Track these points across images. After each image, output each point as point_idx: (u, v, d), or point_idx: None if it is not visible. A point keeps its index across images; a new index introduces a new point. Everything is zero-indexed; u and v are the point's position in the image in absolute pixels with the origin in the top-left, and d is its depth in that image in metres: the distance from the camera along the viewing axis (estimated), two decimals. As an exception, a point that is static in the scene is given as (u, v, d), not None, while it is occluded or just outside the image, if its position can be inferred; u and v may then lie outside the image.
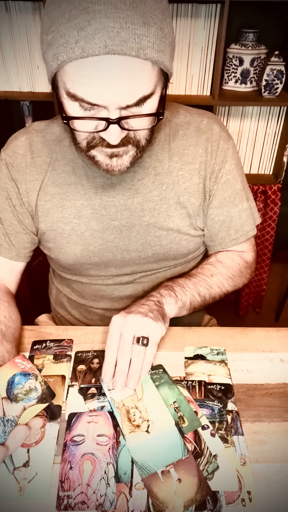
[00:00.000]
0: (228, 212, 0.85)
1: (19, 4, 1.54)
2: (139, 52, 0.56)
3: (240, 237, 0.88)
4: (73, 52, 0.55)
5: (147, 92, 0.60)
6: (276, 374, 0.70)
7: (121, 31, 0.54)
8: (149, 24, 0.56)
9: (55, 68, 0.59)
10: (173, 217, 0.81)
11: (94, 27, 0.54)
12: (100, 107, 0.60)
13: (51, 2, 0.58)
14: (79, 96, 0.59)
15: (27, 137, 0.81)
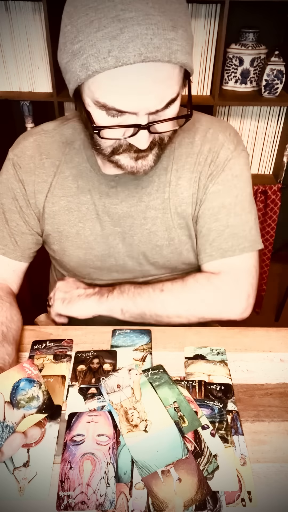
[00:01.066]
0: (209, 224, 0.79)
1: (19, 4, 1.54)
2: (170, 57, 0.56)
3: (215, 254, 0.80)
4: (106, 62, 0.55)
5: (174, 96, 0.60)
6: (276, 374, 0.70)
7: (154, 38, 0.54)
8: (177, 28, 0.56)
9: (83, 78, 0.58)
10: (174, 227, 0.81)
11: (128, 36, 0.53)
12: (129, 113, 0.60)
13: (74, 11, 0.57)
14: (110, 106, 0.59)
15: (36, 137, 0.81)
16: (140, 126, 0.60)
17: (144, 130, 0.61)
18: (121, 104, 0.58)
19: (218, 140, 0.78)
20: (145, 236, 0.81)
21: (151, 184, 0.78)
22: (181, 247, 0.83)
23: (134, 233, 0.81)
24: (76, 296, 0.83)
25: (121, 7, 0.53)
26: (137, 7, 0.53)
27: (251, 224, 0.80)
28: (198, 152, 0.77)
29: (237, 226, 0.79)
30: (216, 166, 0.77)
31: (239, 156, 0.78)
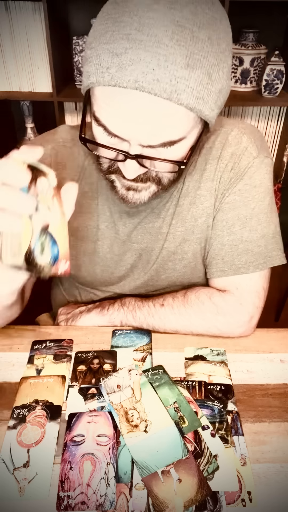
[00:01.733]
0: (221, 238, 0.75)
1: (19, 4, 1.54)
2: (171, 96, 0.50)
3: (227, 270, 0.76)
4: (102, 77, 0.51)
5: (175, 137, 0.55)
6: (276, 375, 0.70)
7: (157, 69, 0.49)
8: (194, 67, 0.50)
9: (85, 85, 0.56)
10: (189, 240, 0.78)
11: (129, 57, 0.49)
12: (121, 138, 0.56)
13: (101, 15, 0.54)
14: (102, 122, 0.56)
15: (53, 146, 0.77)
16: (128, 155, 0.56)
17: (132, 160, 0.57)
18: (112, 126, 0.55)
19: (242, 143, 0.72)
20: (160, 251, 0.80)
21: (171, 199, 0.75)
22: (195, 262, 0.81)
23: (152, 249, 0.80)
24: (78, 313, 0.83)
25: (136, 26, 0.49)
26: (152, 32, 0.48)
27: (268, 239, 0.75)
28: (218, 157, 0.72)
29: (252, 241, 0.74)
30: (235, 173, 0.72)
31: (261, 163, 0.72)
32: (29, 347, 0.75)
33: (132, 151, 0.57)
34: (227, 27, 0.55)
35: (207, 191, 0.74)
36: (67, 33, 1.74)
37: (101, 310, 0.81)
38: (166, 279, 0.83)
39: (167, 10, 0.49)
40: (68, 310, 0.86)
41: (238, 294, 0.76)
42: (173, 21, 0.49)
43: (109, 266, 0.83)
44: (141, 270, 0.83)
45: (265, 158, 0.74)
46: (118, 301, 0.82)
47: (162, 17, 0.49)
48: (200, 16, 0.50)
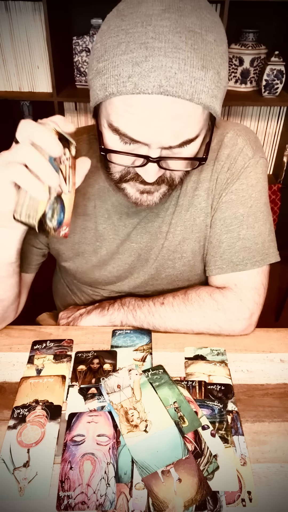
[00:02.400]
0: (219, 236, 0.77)
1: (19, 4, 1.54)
2: (193, 96, 0.53)
3: (225, 267, 0.77)
4: (124, 87, 0.53)
5: (192, 136, 0.58)
6: (276, 374, 0.70)
7: (178, 73, 0.51)
8: (207, 68, 0.53)
9: (101, 98, 0.57)
10: (188, 239, 0.79)
11: (151, 65, 0.51)
12: (141, 143, 0.58)
13: (107, 30, 0.55)
14: (122, 131, 0.57)
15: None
16: (150, 159, 0.58)
17: (153, 164, 0.59)
18: (133, 133, 0.57)
19: (237, 145, 0.74)
20: (159, 250, 0.80)
21: (169, 199, 0.76)
22: (194, 260, 0.81)
23: (150, 248, 0.80)
24: (78, 315, 0.84)
25: (152, 35, 0.51)
26: (168, 38, 0.51)
27: (265, 236, 0.77)
28: (215, 159, 0.74)
29: (250, 239, 0.76)
30: (231, 174, 0.74)
31: (256, 164, 0.75)
32: (29, 347, 0.75)
33: (153, 155, 0.58)
34: (223, 29, 0.59)
35: (204, 191, 0.76)
36: (67, 33, 1.74)
37: (101, 310, 0.81)
38: (166, 277, 0.84)
39: (178, 18, 0.52)
40: (69, 314, 0.87)
41: (237, 290, 0.77)
42: (185, 27, 0.52)
43: (108, 266, 0.83)
44: (140, 269, 0.83)
45: (260, 158, 0.75)
46: (118, 301, 0.82)
47: (174, 24, 0.52)
48: (205, 21, 0.54)
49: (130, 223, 0.78)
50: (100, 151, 0.61)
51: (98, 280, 0.86)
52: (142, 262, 0.82)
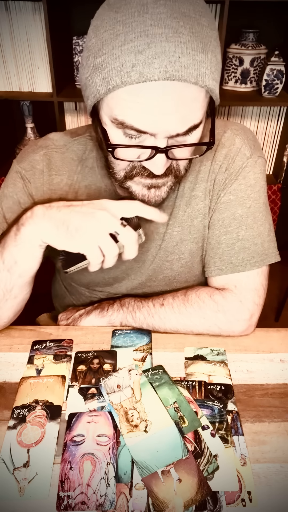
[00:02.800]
0: (218, 237, 0.76)
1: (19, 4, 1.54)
2: (197, 79, 0.53)
3: (225, 268, 0.77)
4: (129, 77, 0.52)
5: (197, 121, 0.58)
6: (276, 374, 0.70)
7: (182, 56, 0.51)
8: (207, 51, 0.54)
9: (103, 93, 0.56)
10: (186, 240, 0.79)
11: (154, 51, 0.51)
12: (147, 134, 0.57)
13: (101, 25, 0.55)
14: (128, 124, 0.56)
15: (45, 152, 0.77)
16: (158, 149, 0.57)
17: (161, 154, 0.58)
18: (140, 123, 0.56)
19: (235, 145, 0.73)
20: (156, 251, 0.80)
21: (166, 200, 0.75)
22: (192, 261, 0.81)
23: (147, 249, 0.80)
24: (78, 316, 0.83)
25: (151, 22, 0.51)
26: (167, 23, 0.51)
27: (264, 237, 0.76)
28: (212, 159, 0.74)
29: (249, 239, 0.75)
30: (229, 174, 0.73)
31: (254, 164, 0.74)
32: (29, 347, 0.75)
33: (160, 145, 0.58)
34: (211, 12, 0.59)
35: (201, 192, 0.75)
36: (67, 33, 1.74)
37: (101, 311, 0.81)
38: (164, 278, 0.84)
39: (172, 4, 0.52)
40: (68, 315, 0.86)
41: (237, 292, 0.77)
42: (181, 12, 0.52)
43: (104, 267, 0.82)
44: (137, 271, 0.83)
45: (259, 158, 0.75)
46: (118, 301, 0.82)
47: (171, 11, 0.52)
48: (197, 6, 0.54)
49: None
50: (107, 147, 0.60)
51: (95, 282, 0.86)
52: (139, 263, 0.82)
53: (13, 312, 0.78)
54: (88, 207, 0.65)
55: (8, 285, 0.72)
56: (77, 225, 0.63)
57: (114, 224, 0.64)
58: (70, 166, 0.77)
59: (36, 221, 0.66)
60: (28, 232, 0.67)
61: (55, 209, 0.66)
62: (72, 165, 0.77)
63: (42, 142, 0.79)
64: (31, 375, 0.69)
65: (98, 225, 0.63)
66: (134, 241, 0.65)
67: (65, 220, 0.64)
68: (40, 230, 0.66)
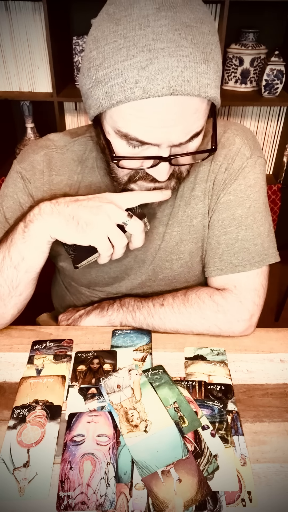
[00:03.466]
0: (218, 237, 0.76)
1: (19, 4, 1.54)
2: (200, 91, 0.54)
3: (225, 269, 0.77)
4: (132, 93, 0.53)
5: (199, 129, 0.59)
6: (276, 375, 0.70)
7: (184, 70, 0.52)
8: (209, 60, 0.54)
9: (106, 106, 0.56)
10: (185, 240, 0.79)
11: (157, 67, 0.51)
12: (151, 144, 0.58)
13: (101, 36, 0.54)
14: (132, 136, 0.57)
15: (46, 152, 0.77)
16: (162, 158, 0.59)
17: (165, 162, 0.60)
18: (144, 136, 0.57)
19: (235, 145, 0.74)
20: (156, 251, 0.80)
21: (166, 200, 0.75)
22: (191, 261, 0.81)
23: (147, 249, 0.80)
24: (78, 317, 0.84)
25: (152, 36, 0.51)
26: (169, 37, 0.51)
27: (264, 237, 0.76)
28: (212, 159, 0.74)
29: (248, 240, 0.75)
30: (229, 174, 0.74)
31: (254, 164, 0.74)
32: (29, 347, 0.75)
33: (164, 154, 0.59)
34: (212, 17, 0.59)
35: (201, 192, 0.75)
36: (67, 33, 1.74)
37: (100, 311, 0.81)
38: (163, 279, 0.84)
39: (173, 15, 0.52)
40: (68, 316, 0.87)
41: (237, 292, 0.77)
42: (182, 23, 0.52)
43: (104, 267, 0.83)
44: (137, 270, 0.83)
45: (258, 158, 0.75)
46: (118, 301, 0.82)
47: (172, 22, 0.51)
48: (197, 13, 0.54)
49: None
50: (112, 159, 0.62)
51: (95, 281, 0.86)
52: (139, 263, 0.82)
53: (17, 310, 0.78)
54: (95, 201, 0.66)
55: (15, 282, 0.73)
56: (86, 219, 0.64)
57: (122, 215, 0.65)
58: (70, 167, 0.78)
59: (45, 217, 0.67)
60: (37, 228, 0.68)
61: (63, 205, 0.67)
62: (72, 166, 0.78)
63: (43, 142, 0.79)
64: (31, 375, 0.69)
65: (107, 218, 0.65)
66: (141, 230, 0.67)
67: (75, 215, 0.65)
68: (50, 226, 0.67)
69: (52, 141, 0.79)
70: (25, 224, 0.69)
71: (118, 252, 0.68)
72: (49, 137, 0.80)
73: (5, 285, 0.73)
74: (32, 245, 0.69)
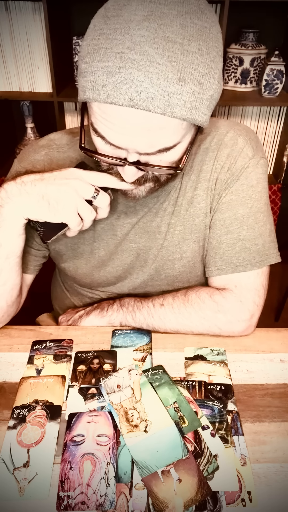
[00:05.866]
0: (219, 237, 0.76)
1: (19, 4, 1.54)
2: (165, 110, 0.52)
3: (225, 268, 0.77)
4: (98, 95, 0.53)
5: (170, 144, 0.58)
6: (276, 375, 0.70)
7: (150, 87, 0.50)
8: (185, 81, 0.52)
9: (80, 98, 0.57)
10: (188, 239, 0.79)
11: (123, 77, 0.51)
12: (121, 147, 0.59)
13: (92, 30, 0.55)
14: (100, 134, 0.58)
15: (47, 151, 0.77)
16: (127, 162, 0.59)
17: (131, 166, 0.60)
18: (110, 137, 0.57)
19: (238, 145, 0.73)
20: (158, 250, 0.80)
21: (168, 198, 0.76)
22: (194, 260, 0.81)
23: (149, 248, 0.80)
24: (78, 318, 0.84)
25: (128, 45, 0.50)
26: (144, 50, 0.50)
27: (265, 237, 0.76)
28: (214, 159, 0.74)
29: (250, 239, 0.75)
30: (231, 174, 0.73)
31: (257, 164, 0.74)
32: (29, 347, 0.75)
33: (130, 159, 0.59)
34: (217, 33, 0.56)
35: (203, 191, 0.75)
36: (67, 33, 1.74)
37: (100, 311, 0.81)
38: (166, 278, 0.83)
39: (157, 27, 0.50)
40: (68, 317, 0.87)
41: (237, 292, 0.77)
42: (164, 37, 0.50)
43: (106, 266, 0.83)
44: (139, 270, 0.83)
45: (261, 158, 0.75)
46: (117, 301, 0.82)
47: (153, 35, 0.50)
48: (189, 28, 0.52)
49: (128, 223, 0.78)
50: (80, 148, 0.63)
51: (97, 282, 0.86)
52: (141, 262, 0.82)
53: (5, 302, 0.77)
54: (61, 178, 0.66)
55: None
56: (56, 197, 0.65)
57: (90, 190, 0.66)
58: (72, 165, 0.77)
59: (14, 200, 0.67)
60: (8, 212, 0.68)
61: (30, 184, 0.67)
62: (73, 164, 0.77)
63: (43, 142, 0.79)
64: (31, 375, 0.69)
65: (75, 194, 0.65)
66: (108, 203, 0.68)
67: (44, 194, 0.65)
68: (21, 207, 0.67)
69: (53, 141, 0.79)
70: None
71: (87, 225, 0.70)
72: (50, 137, 0.80)
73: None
74: (7, 230, 0.69)
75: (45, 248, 0.84)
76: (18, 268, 0.76)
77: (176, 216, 0.77)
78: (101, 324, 0.80)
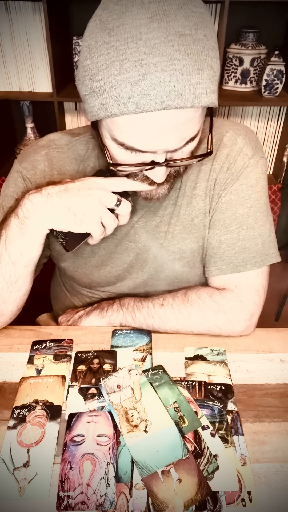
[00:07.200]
0: (219, 236, 0.76)
1: (19, 4, 1.54)
2: (194, 102, 0.54)
3: (225, 268, 0.77)
4: (125, 108, 0.53)
5: (195, 134, 0.59)
6: (276, 374, 0.70)
7: (177, 84, 0.52)
8: (203, 69, 0.53)
9: (101, 116, 0.57)
10: (187, 239, 0.79)
11: (150, 82, 0.51)
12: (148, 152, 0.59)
13: (94, 46, 0.54)
14: (128, 145, 0.58)
15: (47, 152, 0.77)
16: (158, 164, 0.60)
17: (161, 167, 0.61)
18: (139, 145, 0.58)
19: (237, 145, 0.74)
20: (158, 250, 0.80)
21: (168, 198, 0.76)
22: (193, 260, 0.81)
23: (149, 248, 0.80)
24: (77, 318, 0.84)
25: (145, 50, 0.50)
26: (162, 51, 0.50)
27: (265, 237, 0.76)
28: (213, 158, 0.74)
29: (249, 239, 0.75)
30: (231, 174, 0.74)
31: (256, 164, 0.74)
32: (29, 347, 0.75)
33: (159, 159, 0.60)
34: (209, 16, 0.58)
35: (202, 191, 0.76)
36: (67, 33, 1.74)
37: (100, 311, 0.81)
38: (166, 278, 0.83)
39: (166, 24, 0.51)
40: (68, 317, 0.87)
41: (237, 291, 0.77)
42: (175, 33, 0.51)
43: (106, 266, 0.83)
44: (139, 270, 0.83)
45: (260, 158, 0.75)
46: (117, 302, 0.82)
47: (165, 34, 0.51)
48: (191, 17, 0.53)
49: (128, 222, 0.78)
50: (109, 166, 0.63)
51: (97, 281, 0.86)
52: (141, 262, 0.82)
53: (16, 306, 0.78)
54: (85, 189, 0.67)
55: (13, 278, 0.73)
56: (82, 209, 0.65)
57: (113, 200, 0.67)
58: (72, 166, 0.78)
59: (40, 211, 0.67)
60: (34, 224, 0.68)
61: (55, 196, 0.67)
62: (73, 165, 0.78)
63: (43, 142, 0.79)
64: (31, 375, 0.69)
65: (100, 204, 0.66)
66: (129, 211, 0.70)
67: (70, 206, 0.66)
68: (47, 220, 0.68)
69: (53, 141, 0.79)
70: (20, 221, 0.69)
71: (109, 232, 0.70)
72: (50, 137, 0.80)
73: (3, 281, 0.73)
74: (30, 240, 0.70)
75: (47, 248, 0.84)
76: (32, 276, 0.77)
77: (176, 215, 0.78)
78: (101, 324, 0.80)
